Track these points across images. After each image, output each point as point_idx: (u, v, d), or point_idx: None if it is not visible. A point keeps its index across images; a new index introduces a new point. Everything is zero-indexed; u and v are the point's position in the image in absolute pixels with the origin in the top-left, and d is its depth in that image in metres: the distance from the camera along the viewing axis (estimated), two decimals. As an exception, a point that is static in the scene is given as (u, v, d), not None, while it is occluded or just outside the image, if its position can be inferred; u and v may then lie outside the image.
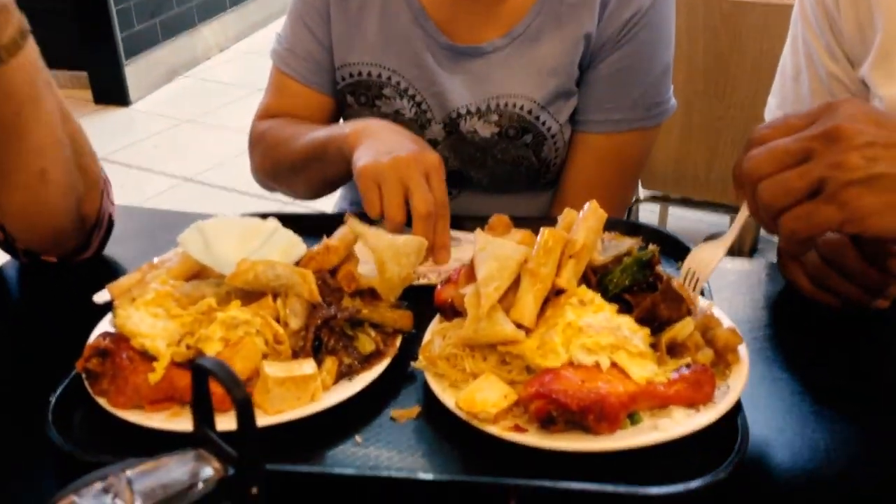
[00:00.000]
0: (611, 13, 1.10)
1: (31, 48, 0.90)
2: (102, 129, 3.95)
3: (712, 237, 3.09)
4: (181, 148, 3.81)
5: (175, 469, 0.37)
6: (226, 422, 0.41)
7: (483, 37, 1.13)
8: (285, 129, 1.17)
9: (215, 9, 4.92)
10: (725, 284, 0.94)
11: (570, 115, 1.15)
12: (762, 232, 2.68)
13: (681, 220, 2.85)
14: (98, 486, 0.35)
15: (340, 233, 0.87)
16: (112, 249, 1.07)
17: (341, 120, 1.24)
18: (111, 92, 4.20)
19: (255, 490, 0.38)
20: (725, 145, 1.80)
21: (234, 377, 0.39)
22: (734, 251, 2.69)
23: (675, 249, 0.97)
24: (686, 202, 2.03)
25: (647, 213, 2.77)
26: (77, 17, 4.11)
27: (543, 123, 1.13)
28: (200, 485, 0.37)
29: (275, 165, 1.20)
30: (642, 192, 2.04)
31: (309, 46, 1.21)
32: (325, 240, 0.86)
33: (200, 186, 3.42)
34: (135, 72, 4.27)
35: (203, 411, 0.40)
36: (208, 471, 0.38)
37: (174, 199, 3.29)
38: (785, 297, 0.91)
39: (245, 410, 0.37)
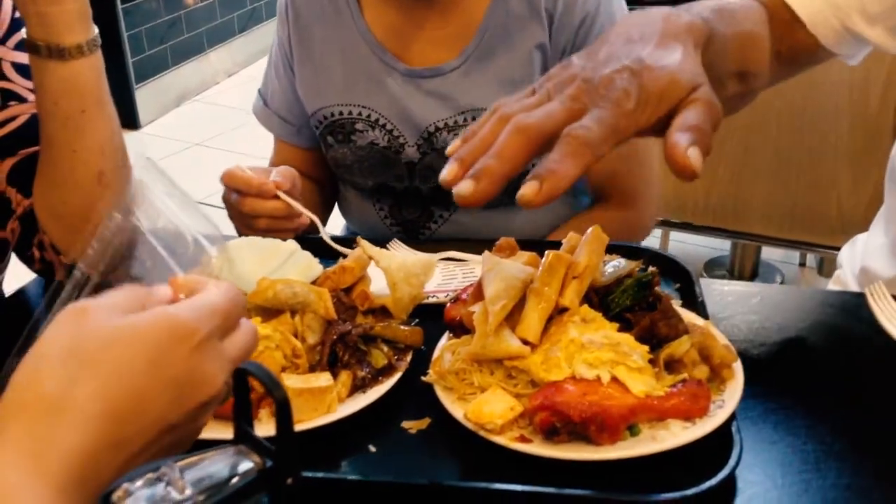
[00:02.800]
0: (559, 22, 1.15)
1: (100, 54, 0.96)
2: (112, 152, 4.00)
3: (713, 262, 3.09)
4: (190, 171, 3.86)
5: (219, 462, 0.41)
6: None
7: (438, 59, 1.19)
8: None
9: (224, 35, 5.01)
10: (725, 305, 0.98)
11: None
12: (763, 255, 2.73)
13: (682, 243, 2.90)
14: (151, 475, 0.39)
15: (356, 255, 0.91)
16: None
17: None
18: (121, 116, 4.23)
19: (290, 481, 0.42)
20: (724, 172, 1.85)
21: (274, 378, 0.43)
22: (736, 275, 2.71)
23: (675, 272, 1.01)
24: (686, 226, 2.07)
25: (650, 238, 2.82)
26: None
27: None
28: (242, 476, 0.41)
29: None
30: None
31: (281, 106, 1.30)
32: (340, 261, 0.91)
33: (209, 209, 3.48)
34: (145, 96, 4.34)
35: (243, 411, 0.45)
36: (248, 464, 0.42)
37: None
38: (781, 319, 0.95)
39: (283, 408, 0.41)
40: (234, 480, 0.41)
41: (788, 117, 1.75)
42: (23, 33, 1.02)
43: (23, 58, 1.05)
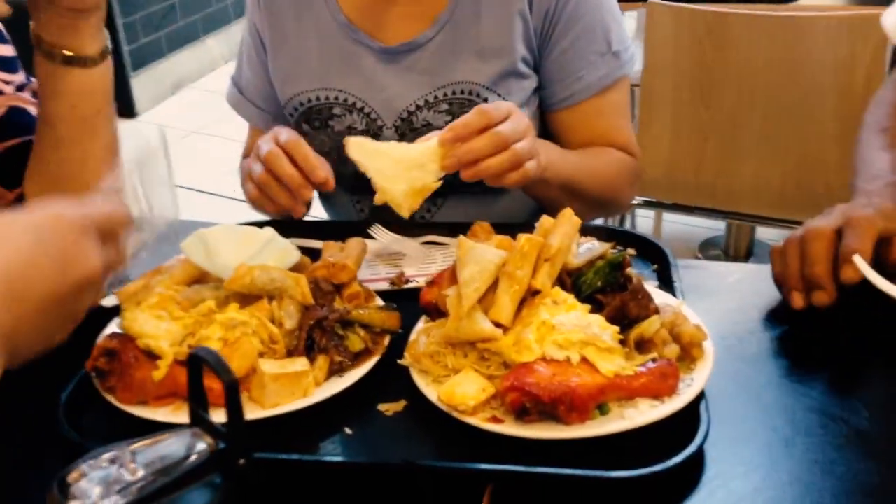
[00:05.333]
0: None
1: (110, 59, 1.00)
2: (109, 141, 4.01)
3: (708, 242, 3.10)
4: (187, 158, 3.87)
5: (173, 444, 0.43)
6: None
7: (412, 32, 1.18)
8: (247, 167, 1.25)
9: (220, 21, 5.00)
10: (702, 285, 0.99)
11: (530, 97, 1.20)
12: (757, 236, 2.73)
13: (676, 224, 2.90)
14: (105, 458, 0.41)
15: (355, 252, 0.93)
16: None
17: None
18: (118, 104, 4.27)
19: (242, 461, 0.44)
20: (713, 151, 1.85)
21: (224, 364, 0.44)
22: (731, 255, 2.71)
23: (651, 252, 1.02)
24: (679, 207, 2.07)
25: (642, 220, 2.83)
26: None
27: None
28: (195, 457, 0.43)
29: (248, 199, 1.26)
30: (636, 198, 2.09)
31: (255, 93, 1.31)
32: (339, 254, 0.92)
33: (205, 196, 3.49)
34: (141, 84, 4.34)
35: (198, 395, 0.46)
36: (202, 445, 0.43)
37: (180, 208, 3.35)
38: (758, 301, 0.96)
39: (233, 392, 0.43)
40: (188, 461, 0.42)
41: (775, 97, 1.76)
42: None
43: None
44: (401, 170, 0.93)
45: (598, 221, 2.22)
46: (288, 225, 1.06)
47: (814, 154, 1.79)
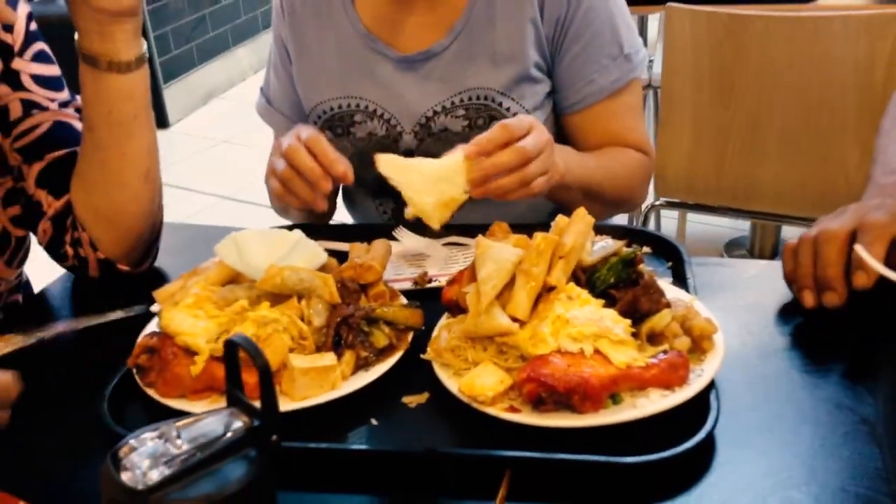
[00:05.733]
0: None
1: (146, 66, 1.05)
2: (143, 151, 4.11)
3: (733, 242, 3.11)
4: (218, 167, 3.96)
5: (213, 422, 0.47)
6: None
7: (428, 41, 1.23)
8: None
9: (249, 31, 5.10)
10: (718, 282, 1.02)
11: (543, 100, 1.24)
12: (783, 235, 2.74)
13: (700, 224, 2.92)
14: (153, 434, 0.45)
15: (380, 253, 0.97)
16: (156, 261, 1.18)
17: None
18: (151, 115, 4.38)
19: (274, 437, 0.48)
20: (733, 151, 1.87)
21: (258, 348, 0.49)
22: (756, 255, 2.72)
23: (666, 250, 1.05)
24: (703, 208, 2.09)
25: (667, 221, 2.84)
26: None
27: (508, 109, 1.22)
28: (232, 433, 0.47)
29: (274, 205, 1.32)
30: (658, 199, 2.11)
31: (284, 104, 1.36)
32: (367, 255, 0.96)
33: (236, 203, 3.56)
34: (173, 95, 4.45)
35: (234, 378, 0.50)
36: (238, 423, 0.48)
37: (212, 215, 3.43)
38: (772, 296, 0.99)
39: (265, 374, 0.47)
40: (226, 437, 0.47)
41: (795, 96, 1.77)
42: (40, 46, 1.10)
43: (40, 69, 1.12)
44: (429, 183, 0.97)
45: (623, 221, 2.25)
46: (315, 228, 1.10)
47: (835, 153, 1.80)
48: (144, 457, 0.44)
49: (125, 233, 1.10)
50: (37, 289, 1.25)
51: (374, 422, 0.82)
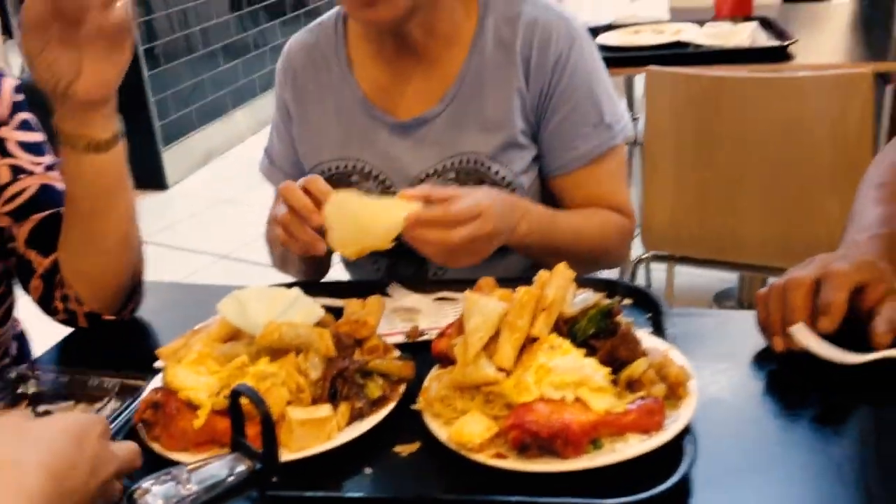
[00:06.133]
0: (535, 67, 1.26)
1: (123, 141, 1.13)
2: (142, 213, 4.19)
3: (722, 293, 3.15)
4: (216, 227, 4.03)
5: (219, 466, 0.52)
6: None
7: (422, 108, 1.31)
8: (273, 232, 1.35)
9: (248, 94, 5.22)
10: (697, 331, 1.07)
11: (529, 165, 1.30)
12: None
13: (690, 276, 2.96)
14: (165, 477, 0.50)
15: (375, 309, 1.02)
16: (155, 320, 1.23)
17: None
18: (149, 178, 4.47)
19: (274, 479, 0.52)
20: (716, 205, 1.94)
21: (260, 396, 0.54)
22: (746, 306, 2.79)
23: (646, 302, 1.10)
24: (690, 260, 2.15)
25: (657, 273, 2.90)
26: (118, 108, 4.41)
27: (496, 173, 1.28)
28: (236, 475, 0.51)
29: (275, 261, 1.40)
30: (646, 252, 2.17)
31: (285, 163, 1.42)
32: (362, 311, 1.01)
33: (235, 263, 3.62)
34: (172, 157, 4.54)
35: (238, 425, 0.55)
36: (242, 466, 0.52)
37: (210, 275, 3.49)
38: (748, 344, 1.03)
39: (267, 420, 0.52)
40: (231, 479, 0.51)
41: (773, 152, 1.85)
42: (25, 116, 1.18)
43: (25, 137, 1.22)
44: (359, 234, 1.06)
45: (613, 274, 2.31)
46: (313, 286, 1.15)
47: (815, 205, 1.87)
48: (158, 497, 0.48)
49: (107, 290, 1.17)
50: (36, 340, 1.30)
51: (368, 470, 0.86)
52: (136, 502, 0.49)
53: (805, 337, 0.94)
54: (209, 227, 4.03)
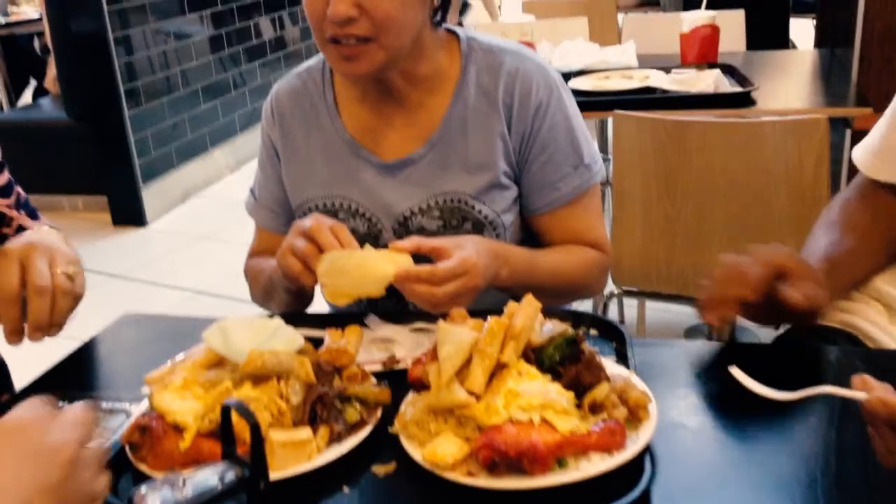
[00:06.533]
0: (517, 115, 1.34)
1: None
2: (121, 249, 4.22)
3: (693, 328, 3.23)
4: (194, 263, 4.05)
5: (210, 473, 0.56)
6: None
7: (407, 150, 1.37)
8: (256, 266, 1.45)
9: (227, 133, 5.28)
10: (660, 360, 1.13)
11: (511, 204, 1.37)
12: (739, 322, 2.87)
13: (661, 312, 3.04)
14: (161, 483, 0.54)
15: (354, 339, 1.08)
16: (137, 351, 1.27)
17: None
18: (129, 214, 4.51)
19: (262, 485, 0.57)
20: (681, 243, 2.02)
21: (248, 409, 0.59)
22: (716, 340, 2.84)
23: (612, 332, 1.16)
24: (659, 296, 2.22)
25: (629, 309, 2.97)
26: (98, 146, 4.46)
27: (479, 212, 1.35)
28: (227, 482, 0.56)
29: (256, 294, 1.45)
30: (617, 288, 2.24)
31: (270, 200, 1.48)
32: (341, 341, 1.07)
33: (212, 298, 3.64)
34: (151, 195, 4.57)
35: (228, 437, 0.60)
36: (231, 473, 0.57)
37: (188, 310, 3.50)
38: (705, 371, 1.10)
39: (256, 431, 0.57)
40: (222, 485, 0.56)
41: (734, 192, 1.93)
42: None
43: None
44: (350, 289, 1.13)
45: (588, 307, 2.37)
46: (294, 316, 1.20)
47: (773, 242, 1.95)
48: (156, 500, 0.53)
49: None
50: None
51: (346, 490, 0.90)
52: (135, 505, 0.53)
53: (741, 377, 0.99)
54: (187, 264, 4.06)
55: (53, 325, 1.08)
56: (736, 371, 1.00)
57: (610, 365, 1.01)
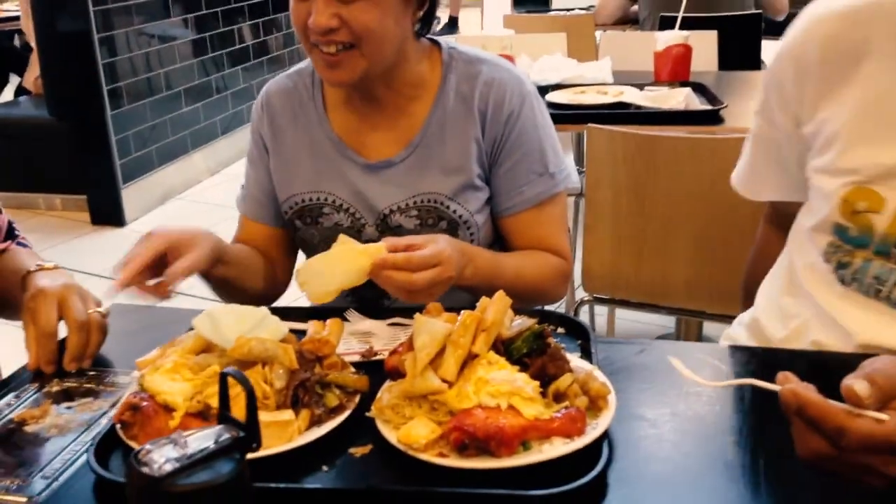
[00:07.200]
0: (490, 120, 1.42)
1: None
2: (100, 248, 4.24)
3: (661, 338, 3.32)
4: (173, 264, 4.08)
5: (210, 434, 0.62)
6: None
7: (389, 152, 1.46)
8: None
9: (208, 136, 5.32)
10: (622, 357, 1.20)
11: (483, 205, 1.45)
12: (704, 332, 2.96)
13: (632, 322, 3.13)
14: (164, 441, 0.61)
15: (335, 330, 1.14)
16: (123, 341, 1.32)
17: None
18: (108, 214, 4.53)
19: (254, 445, 0.63)
20: (650, 253, 2.10)
21: (245, 377, 0.65)
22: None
23: (577, 330, 1.24)
24: (627, 303, 2.30)
25: (599, 317, 3.06)
26: (79, 145, 4.48)
27: (454, 212, 1.43)
28: (223, 441, 0.62)
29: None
30: (588, 295, 2.32)
31: (258, 190, 1.55)
32: (324, 332, 1.13)
33: (190, 299, 3.68)
34: (131, 195, 4.60)
35: (225, 402, 0.66)
36: (227, 435, 0.63)
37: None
38: (661, 368, 1.17)
39: (251, 397, 0.63)
40: (218, 443, 0.62)
41: (700, 204, 2.02)
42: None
43: None
44: (329, 288, 1.17)
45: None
46: (281, 310, 1.26)
47: (736, 255, 2.04)
48: (161, 456, 0.59)
49: None
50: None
51: (325, 468, 0.96)
52: (141, 461, 0.59)
53: (679, 367, 1.02)
54: (166, 265, 4.08)
55: (87, 356, 1.23)
56: (676, 362, 1.06)
57: (574, 359, 1.08)
